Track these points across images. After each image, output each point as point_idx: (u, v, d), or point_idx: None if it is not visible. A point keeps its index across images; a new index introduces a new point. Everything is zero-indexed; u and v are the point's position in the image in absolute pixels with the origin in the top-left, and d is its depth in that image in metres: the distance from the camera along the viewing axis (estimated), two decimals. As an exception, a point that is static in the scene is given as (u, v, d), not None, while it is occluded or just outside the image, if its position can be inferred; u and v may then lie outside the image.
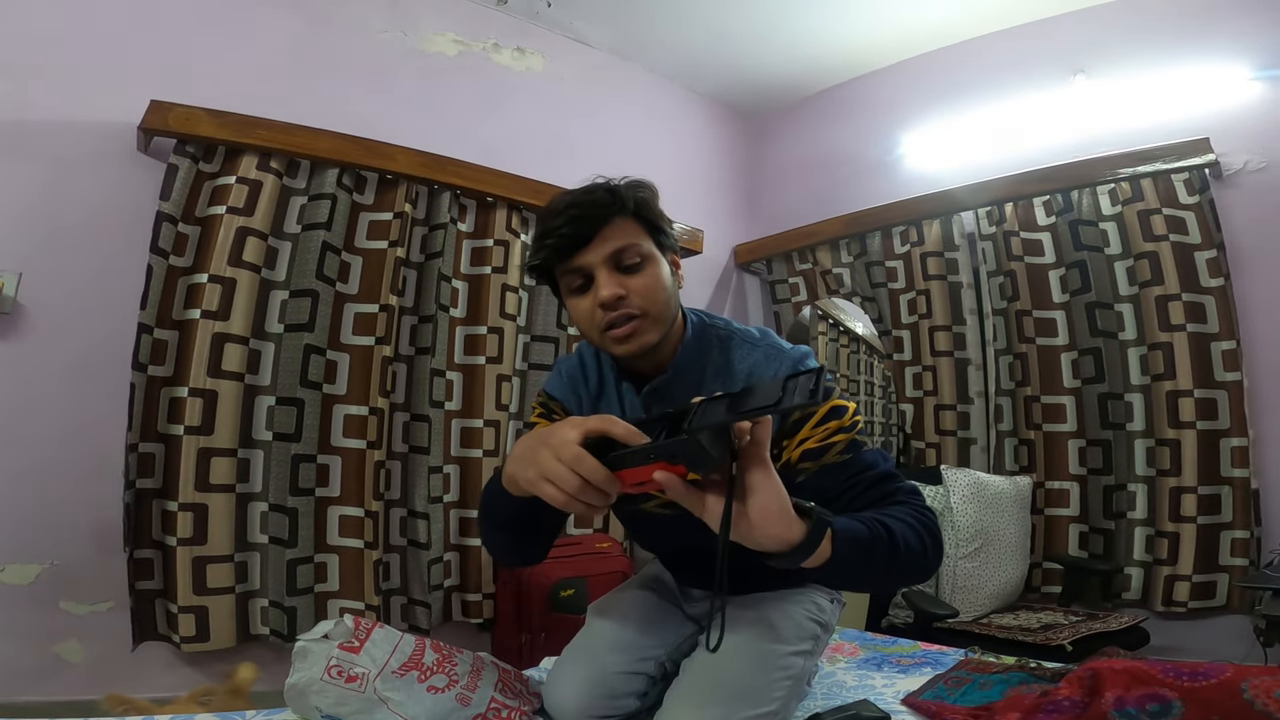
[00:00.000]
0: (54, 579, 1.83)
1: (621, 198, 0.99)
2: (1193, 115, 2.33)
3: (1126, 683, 0.94)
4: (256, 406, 2.06)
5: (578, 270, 0.99)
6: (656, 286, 0.99)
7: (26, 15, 1.89)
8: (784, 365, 1.02)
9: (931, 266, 2.78)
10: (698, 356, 1.06)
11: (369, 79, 2.43)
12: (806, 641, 1.10)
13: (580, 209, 0.97)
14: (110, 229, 1.95)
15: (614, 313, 0.97)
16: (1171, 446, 2.22)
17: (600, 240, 0.97)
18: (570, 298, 1.02)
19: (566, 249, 0.97)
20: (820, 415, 0.97)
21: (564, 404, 1.14)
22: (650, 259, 1.00)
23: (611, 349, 1.02)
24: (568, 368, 1.17)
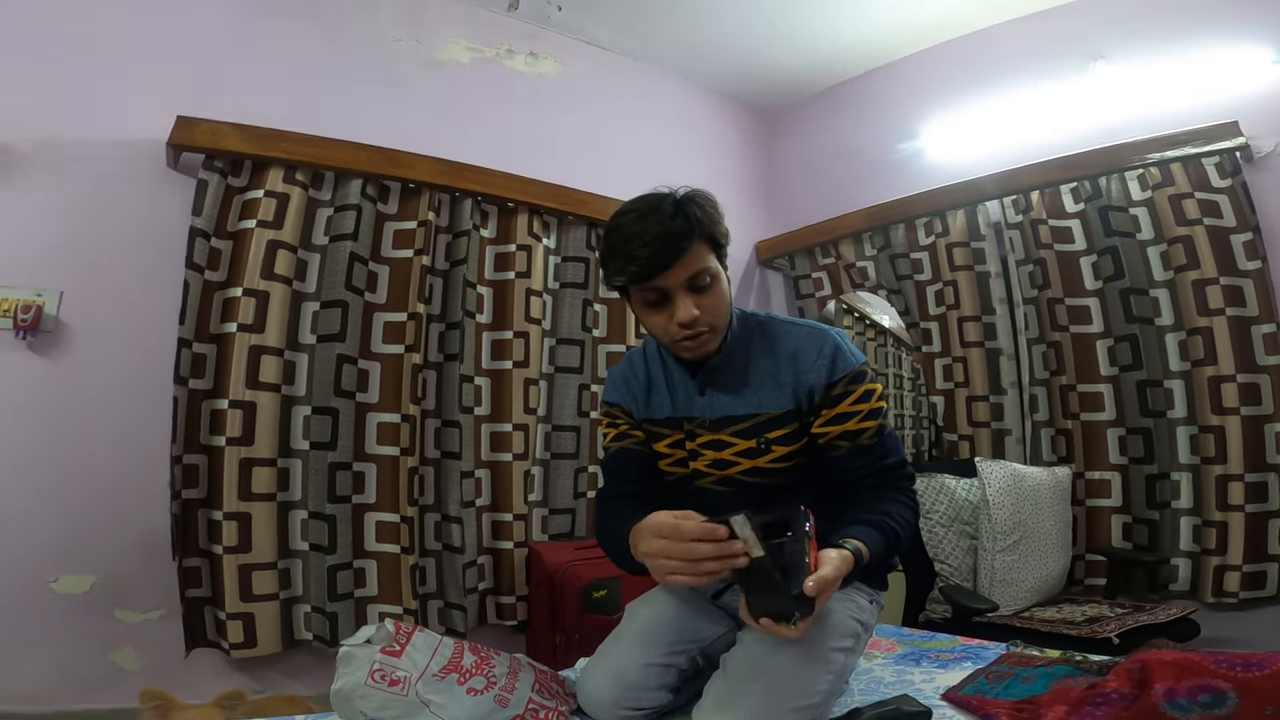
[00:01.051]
0: (107, 588, 1.89)
1: (697, 223, 1.09)
2: (1217, 100, 2.27)
3: (1176, 674, 0.92)
4: (293, 416, 2.11)
5: (657, 290, 1.10)
6: (722, 302, 1.14)
7: (53, 35, 1.95)
8: (826, 342, 1.15)
9: (958, 257, 2.74)
10: (743, 341, 1.21)
11: (386, 89, 2.46)
12: (849, 638, 1.11)
13: (663, 241, 1.07)
14: (146, 245, 2.01)
15: (689, 330, 1.11)
16: (1215, 433, 2.17)
17: (679, 266, 1.08)
18: (646, 310, 1.14)
19: (650, 273, 1.08)
20: (858, 395, 1.13)
21: (621, 406, 1.29)
22: (716, 278, 1.13)
23: (680, 354, 1.18)
24: (618, 375, 1.32)
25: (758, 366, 1.19)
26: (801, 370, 1.15)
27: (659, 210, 1.09)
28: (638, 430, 1.28)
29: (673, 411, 1.24)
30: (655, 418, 1.26)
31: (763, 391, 1.17)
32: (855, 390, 1.14)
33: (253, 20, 2.25)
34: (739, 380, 1.19)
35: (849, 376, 1.14)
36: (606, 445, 1.31)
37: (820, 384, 1.14)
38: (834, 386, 1.14)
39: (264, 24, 2.27)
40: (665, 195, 1.12)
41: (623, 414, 1.29)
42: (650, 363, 1.29)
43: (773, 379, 1.17)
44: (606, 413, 1.33)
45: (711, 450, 1.21)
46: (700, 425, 1.21)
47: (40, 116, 1.91)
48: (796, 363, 1.16)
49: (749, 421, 1.17)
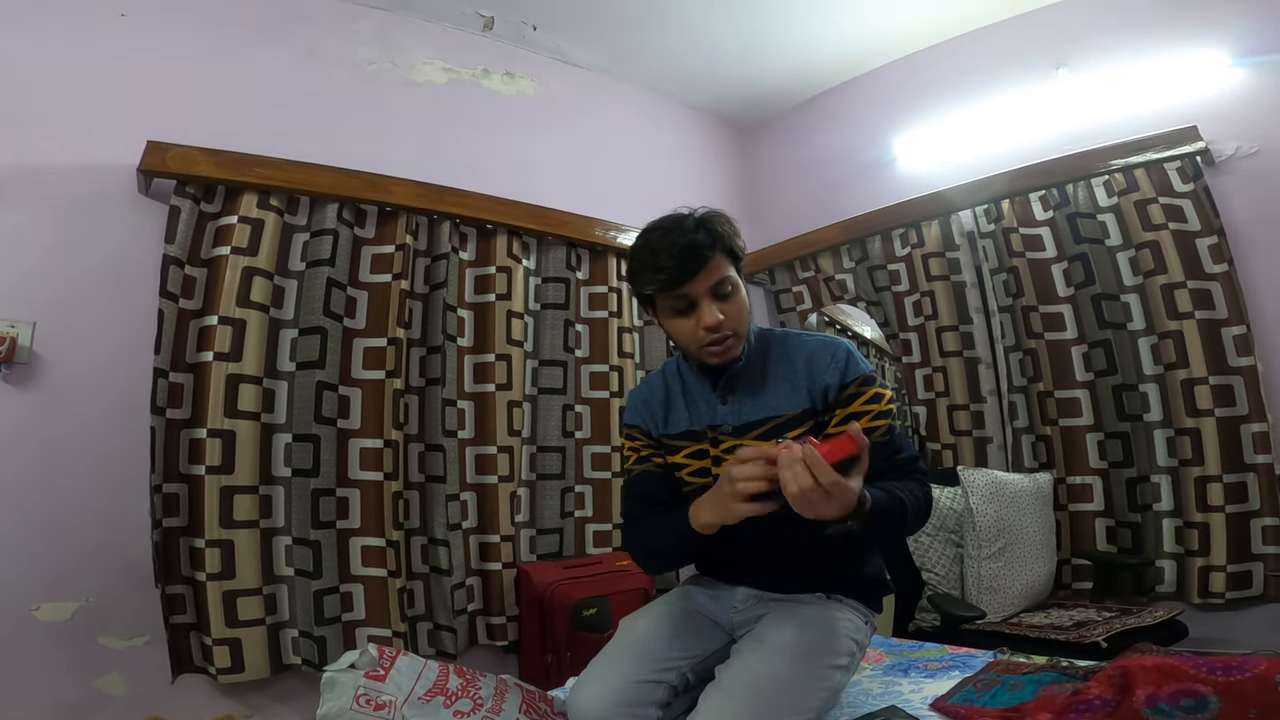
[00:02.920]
0: (90, 615, 1.86)
1: (719, 236, 1.19)
2: (1177, 104, 2.34)
3: (1158, 679, 0.92)
4: (274, 444, 2.09)
5: (683, 298, 1.18)
6: (744, 310, 1.23)
7: (21, 60, 1.93)
8: (840, 348, 1.24)
9: (934, 267, 2.78)
10: (760, 352, 1.29)
11: (361, 111, 2.46)
12: (844, 657, 1.14)
13: (688, 251, 1.15)
14: (119, 274, 1.99)
15: (715, 335, 1.18)
16: (1191, 435, 2.20)
17: (703, 275, 1.16)
18: (672, 318, 1.22)
19: (678, 281, 1.16)
20: (869, 396, 1.20)
21: (640, 427, 1.36)
22: (737, 287, 1.21)
23: (707, 359, 1.23)
24: (636, 396, 1.40)
25: (774, 373, 1.27)
26: (816, 372, 1.23)
27: (682, 225, 1.19)
28: (658, 455, 1.34)
29: (690, 424, 1.30)
30: (673, 432, 1.32)
31: (780, 395, 1.24)
32: (866, 391, 1.20)
33: (224, 43, 2.24)
34: (758, 386, 1.26)
35: (860, 379, 1.21)
36: (629, 468, 1.37)
37: (835, 384, 1.22)
38: (847, 387, 1.21)
39: (236, 47, 2.26)
40: (687, 214, 1.22)
41: (641, 434, 1.35)
42: (669, 382, 1.37)
43: (789, 382, 1.24)
44: (627, 435, 1.39)
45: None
46: (723, 432, 1.27)
47: (10, 144, 1.89)
48: (811, 366, 1.23)
49: (769, 424, 1.23)
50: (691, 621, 1.26)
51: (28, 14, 1.96)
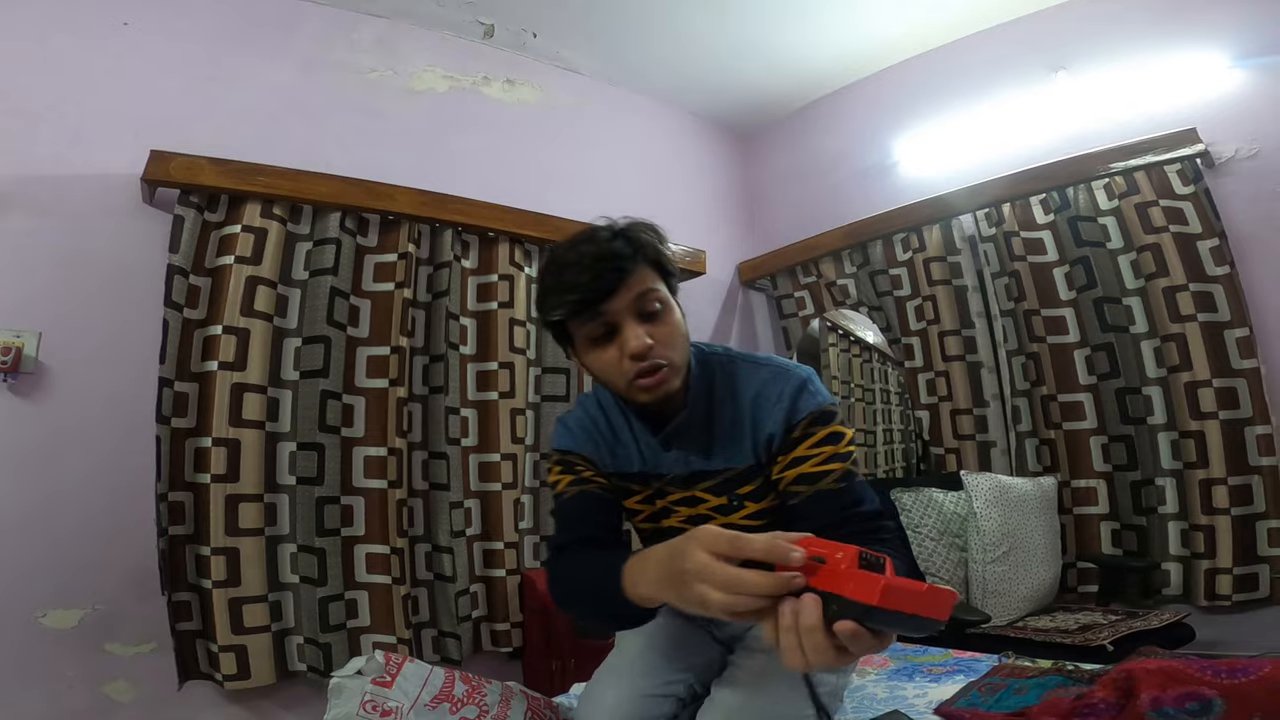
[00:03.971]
0: (96, 623, 1.87)
1: (641, 245, 1.00)
2: (1176, 106, 2.34)
3: (1162, 682, 0.93)
4: (279, 452, 2.09)
5: (601, 321, 0.98)
6: (678, 333, 1.02)
7: (25, 70, 1.95)
8: (789, 384, 1.03)
9: (935, 272, 2.78)
10: (704, 387, 1.07)
11: (363, 120, 2.47)
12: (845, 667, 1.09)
13: (604, 261, 0.96)
14: (124, 283, 2.00)
15: (644, 363, 0.97)
16: (1196, 438, 2.19)
17: (624, 290, 0.97)
18: (591, 348, 1.01)
19: (591, 301, 0.97)
20: (819, 438, 1.00)
21: (584, 454, 1.13)
22: (667, 305, 1.01)
23: (638, 397, 1.02)
24: (576, 421, 1.16)
25: (721, 417, 1.07)
26: (760, 417, 1.04)
27: (595, 237, 1.00)
28: (602, 478, 1.13)
29: (643, 465, 1.12)
30: (626, 471, 1.13)
31: (729, 445, 1.06)
32: (816, 433, 1.00)
33: (226, 52, 2.26)
34: (704, 433, 1.07)
35: (809, 418, 1.01)
36: (561, 491, 1.12)
37: (779, 431, 1.02)
38: (792, 430, 1.01)
39: (237, 55, 2.28)
40: (603, 226, 1.03)
41: (585, 462, 1.13)
42: (609, 412, 1.15)
43: (736, 430, 1.06)
44: (561, 461, 1.14)
45: (685, 507, 1.12)
46: (670, 483, 1.11)
47: (14, 154, 1.91)
48: (757, 409, 1.04)
49: (718, 477, 1.08)
50: (689, 632, 1.21)
51: (31, 24, 1.98)
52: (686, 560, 0.65)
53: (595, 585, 0.89)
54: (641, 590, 0.79)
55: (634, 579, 0.80)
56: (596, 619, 1.00)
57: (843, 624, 0.53)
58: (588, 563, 0.97)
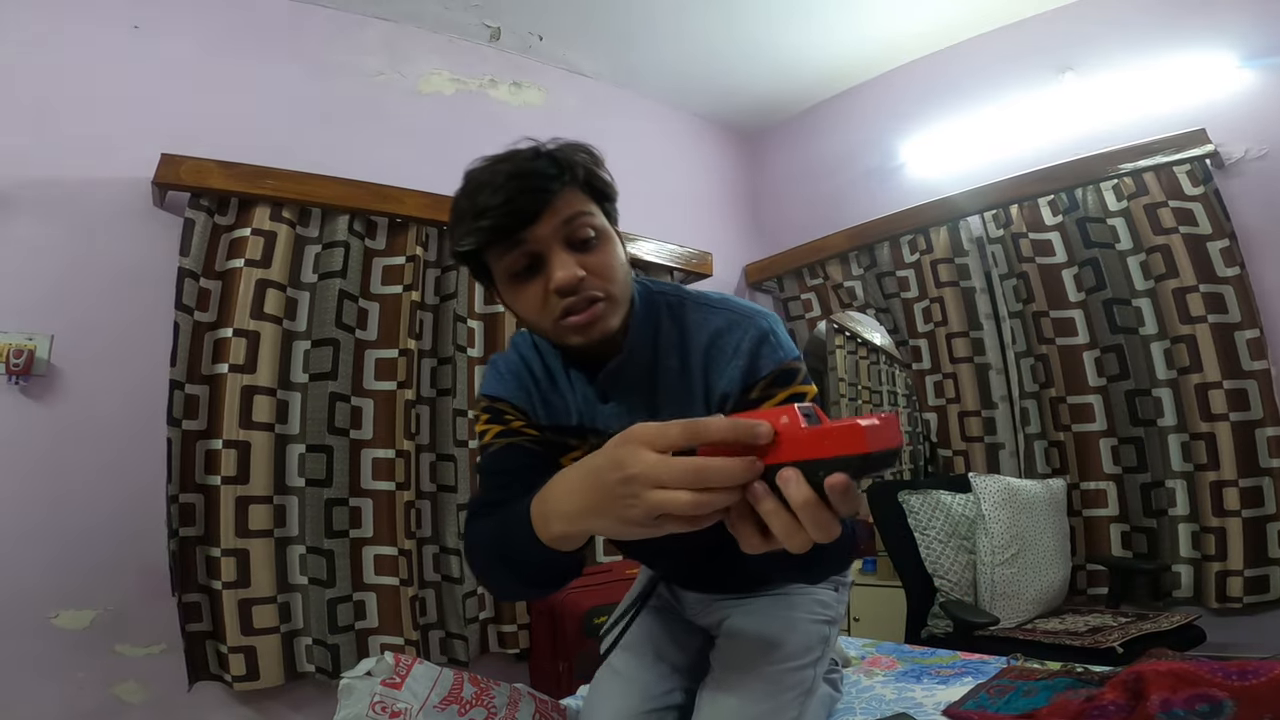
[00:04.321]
0: (107, 623, 1.88)
1: (569, 164, 0.86)
2: (1185, 107, 2.33)
3: (1172, 684, 0.92)
4: (288, 455, 2.11)
5: (522, 250, 0.84)
6: (616, 263, 0.88)
7: (36, 73, 1.97)
8: (748, 333, 0.90)
9: (943, 273, 2.78)
10: (649, 330, 0.94)
11: (370, 123, 2.48)
12: (815, 649, 1.05)
13: (524, 179, 0.82)
14: (135, 286, 2.02)
15: (573, 297, 0.83)
16: (1206, 440, 2.18)
17: (550, 214, 0.83)
18: (512, 284, 0.87)
19: (509, 227, 0.82)
20: (778, 400, 0.87)
21: (513, 402, 1.00)
22: (604, 233, 0.88)
23: (569, 339, 0.87)
24: (507, 364, 1.02)
25: (667, 366, 0.93)
26: (715, 371, 0.91)
27: (516, 155, 0.86)
28: (533, 429, 0.99)
29: (580, 419, 0.98)
30: (562, 423, 0.99)
31: (677, 399, 0.93)
32: (776, 395, 0.87)
33: (235, 56, 2.27)
34: (647, 384, 0.93)
35: (770, 378, 0.88)
36: (487, 444, 0.98)
37: (735, 390, 0.89)
38: (750, 390, 0.88)
39: (246, 59, 2.29)
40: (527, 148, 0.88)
41: (515, 411, 0.99)
42: (545, 355, 1.00)
43: (685, 382, 0.93)
44: (490, 409, 1.00)
45: None
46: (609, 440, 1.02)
47: (25, 157, 1.92)
48: (710, 363, 0.91)
49: None
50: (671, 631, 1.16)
51: (43, 28, 1.99)
52: (627, 466, 0.53)
53: (505, 541, 0.76)
54: (557, 528, 0.65)
55: (545, 517, 0.67)
56: (516, 583, 0.83)
57: (835, 479, 0.46)
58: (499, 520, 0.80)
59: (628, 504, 0.54)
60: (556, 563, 0.72)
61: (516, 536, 0.71)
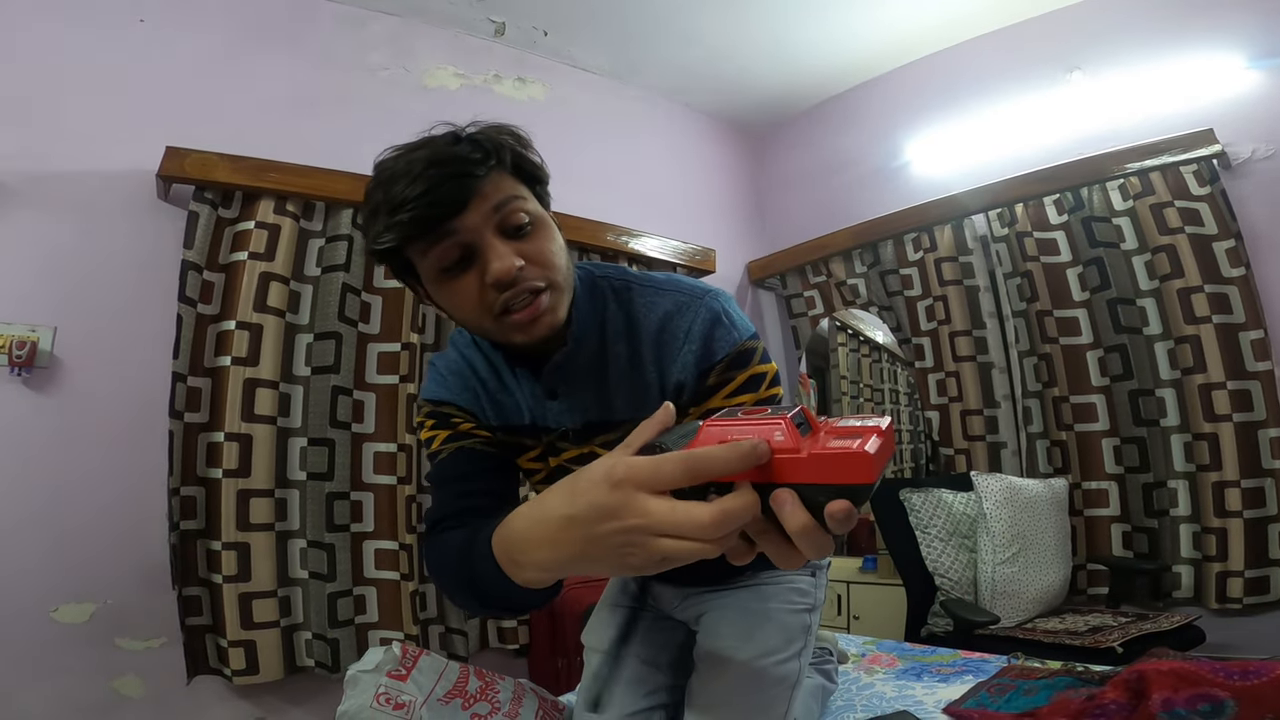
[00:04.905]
0: (107, 617, 1.88)
1: (495, 147, 0.79)
2: (1192, 107, 2.32)
3: (1174, 683, 0.92)
4: (290, 448, 2.11)
5: (452, 242, 0.77)
6: (554, 248, 0.81)
7: (42, 66, 1.97)
8: (698, 316, 0.85)
9: (946, 272, 2.77)
10: (594, 318, 0.88)
11: (375, 117, 2.46)
12: (797, 640, 1.03)
13: (446, 166, 0.75)
14: (139, 279, 2.02)
15: (513, 289, 0.77)
16: (1209, 440, 2.18)
17: (478, 200, 0.76)
18: (442, 281, 0.80)
19: (434, 218, 0.75)
20: (738, 384, 0.84)
21: (460, 405, 0.93)
22: (540, 219, 0.82)
23: (512, 337, 0.81)
24: (448, 365, 0.96)
25: (616, 355, 0.88)
26: (666, 361, 0.86)
27: (433, 141, 0.80)
28: (485, 431, 0.93)
29: (533, 417, 0.93)
30: (515, 423, 0.93)
31: (627, 389, 0.88)
32: (734, 379, 0.83)
33: (240, 49, 2.27)
34: (597, 376, 0.88)
35: (726, 361, 0.84)
36: (436, 451, 0.92)
37: (690, 378, 0.84)
38: (706, 376, 0.84)
39: (251, 53, 2.29)
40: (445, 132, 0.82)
41: (462, 414, 0.93)
42: (487, 351, 0.93)
43: (636, 371, 0.87)
44: (434, 414, 0.94)
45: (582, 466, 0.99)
46: (561, 438, 0.92)
47: (30, 149, 1.92)
48: (661, 350, 0.86)
49: (619, 429, 0.88)
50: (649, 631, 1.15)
51: (47, 20, 1.99)
52: (624, 516, 0.47)
53: (470, 574, 0.70)
54: (531, 575, 0.60)
55: (515, 564, 0.61)
56: (488, 610, 0.78)
57: (836, 507, 0.42)
58: (456, 544, 0.76)
59: (627, 552, 0.49)
60: (531, 594, 0.66)
61: (483, 572, 0.66)
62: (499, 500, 0.88)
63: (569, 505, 0.52)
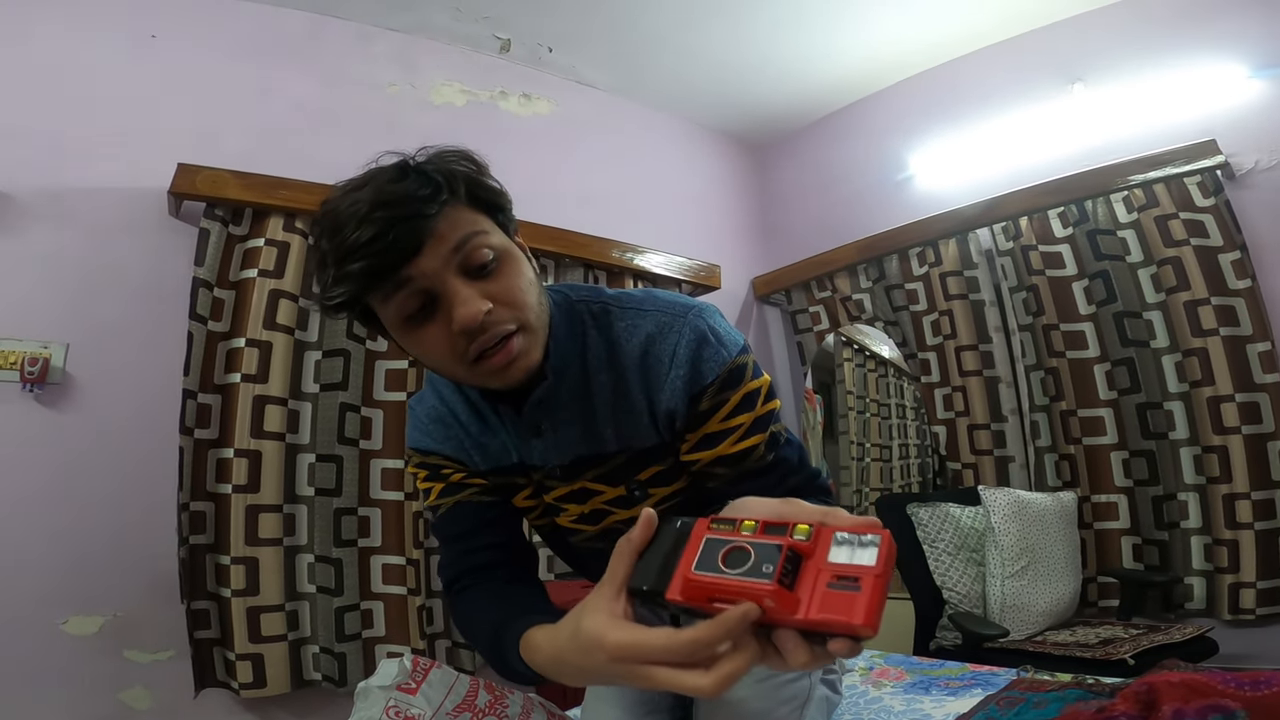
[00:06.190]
0: (116, 629, 1.89)
1: (448, 180, 0.74)
2: (1195, 118, 2.33)
3: (1185, 695, 0.91)
4: (298, 464, 2.12)
5: (410, 291, 0.72)
6: (524, 284, 0.76)
7: (53, 83, 2.00)
8: (684, 336, 0.80)
9: (952, 286, 2.78)
10: (574, 347, 0.83)
11: (383, 134, 2.46)
12: None
13: (394, 208, 0.69)
14: (151, 295, 2.04)
15: (485, 335, 0.72)
16: (1219, 453, 2.17)
17: (434, 242, 0.70)
18: (407, 331, 0.75)
19: (386, 266, 0.70)
20: (733, 405, 0.80)
21: (445, 454, 0.92)
22: (505, 251, 0.76)
23: (488, 382, 0.77)
24: (428, 412, 0.93)
25: (601, 383, 0.84)
26: (654, 388, 0.81)
27: (376, 177, 0.74)
28: (478, 478, 0.92)
29: (520, 456, 0.90)
30: (504, 464, 0.91)
31: (616, 420, 0.84)
32: (728, 399, 0.80)
33: (249, 66, 2.30)
34: (582, 408, 0.84)
35: (717, 383, 0.79)
36: (434, 504, 0.92)
37: (681, 407, 0.80)
38: (699, 401, 0.80)
39: (260, 70, 2.32)
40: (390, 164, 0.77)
41: (451, 463, 0.92)
42: (467, 393, 0.90)
43: (624, 400, 0.83)
44: (424, 464, 0.93)
45: (575, 503, 0.91)
46: (549, 475, 0.89)
47: (43, 166, 1.95)
48: (648, 375, 0.82)
49: (609, 463, 0.86)
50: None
51: (60, 37, 2.03)
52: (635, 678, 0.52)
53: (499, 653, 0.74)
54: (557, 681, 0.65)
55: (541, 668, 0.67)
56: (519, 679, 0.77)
57: (839, 646, 0.45)
58: (482, 616, 0.80)
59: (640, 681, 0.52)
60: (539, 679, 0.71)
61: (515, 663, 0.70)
62: (505, 552, 0.92)
63: (582, 658, 0.56)
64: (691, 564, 0.48)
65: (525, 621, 0.70)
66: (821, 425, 3.27)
